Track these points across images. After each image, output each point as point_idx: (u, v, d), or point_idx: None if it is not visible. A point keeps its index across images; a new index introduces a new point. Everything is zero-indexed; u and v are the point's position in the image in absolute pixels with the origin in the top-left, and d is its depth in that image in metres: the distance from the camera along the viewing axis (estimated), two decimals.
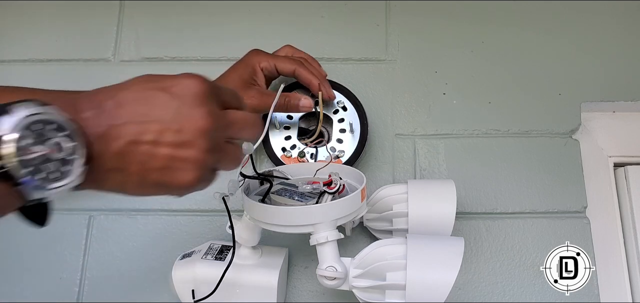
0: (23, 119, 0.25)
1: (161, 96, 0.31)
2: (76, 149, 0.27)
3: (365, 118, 0.62)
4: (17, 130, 0.25)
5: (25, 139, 0.25)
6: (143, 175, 0.31)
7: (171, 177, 0.31)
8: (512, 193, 0.63)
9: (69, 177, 0.27)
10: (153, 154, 0.30)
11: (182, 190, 0.33)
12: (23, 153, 0.25)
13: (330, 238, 0.45)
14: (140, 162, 0.30)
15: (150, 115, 0.30)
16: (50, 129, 0.26)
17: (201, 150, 0.31)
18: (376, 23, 0.71)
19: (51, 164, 0.26)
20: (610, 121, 0.69)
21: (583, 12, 0.70)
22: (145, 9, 0.74)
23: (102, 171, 0.30)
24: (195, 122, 0.31)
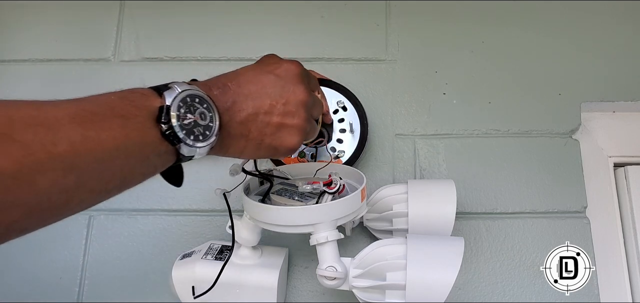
0: (179, 93, 0.32)
1: (270, 77, 0.38)
2: (213, 118, 0.34)
3: (365, 118, 0.62)
4: (177, 101, 0.31)
5: (181, 108, 0.32)
6: (260, 140, 0.38)
7: (281, 141, 0.39)
8: (512, 193, 0.63)
9: (209, 139, 0.34)
10: (268, 122, 0.38)
11: (287, 152, 0.40)
12: (182, 118, 0.32)
13: (330, 238, 0.45)
14: (258, 129, 0.37)
15: (263, 92, 0.38)
16: (196, 101, 0.33)
17: (302, 119, 0.39)
18: (376, 23, 0.71)
19: (197, 129, 0.33)
20: (610, 121, 0.69)
21: (583, 12, 0.70)
22: (145, 9, 0.74)
23: (229, 137, 0.36)
24: (297, 96, 0.39)
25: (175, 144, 0.31)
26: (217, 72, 0.69)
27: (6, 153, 0.22)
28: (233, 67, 0.71)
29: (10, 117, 0.24)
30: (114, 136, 0.28)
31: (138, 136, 0.29)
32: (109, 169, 0.28)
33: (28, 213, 0.25)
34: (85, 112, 0.27)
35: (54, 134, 0.25)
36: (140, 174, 0.31)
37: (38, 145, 0.24)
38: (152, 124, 0.31)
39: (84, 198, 0.28)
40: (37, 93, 0.70)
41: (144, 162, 0.31)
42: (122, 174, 0.29)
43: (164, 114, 0.31)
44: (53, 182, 0.24)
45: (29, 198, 0.24)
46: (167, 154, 0.32)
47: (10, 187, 0.23)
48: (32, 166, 0.23)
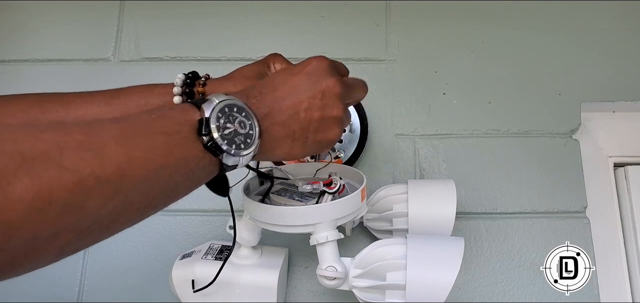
0: (217, 104, 0.32)
1: (301, 76, 0.39)
2: (252, 125, 0.35)
3: (365, 118, 0.62)
4: (215, 113, 0.32)
5: (220, 119, 0.32)
6: (306, 137, 0.39)
7: (325, 134, 0.40)
8: (512, 193, 0.63)
9: (250, 146, 0.34)
10: (309, 119, 0.38)
11: (331, 144, 0.41)
12: (222, 129, 0.32)
13: (330, 238, 0.45)
14: (302, 127, 0.38)
15: (298, 91, 0.38)
16: (235, 111, 0.34)
17: (340, 109, 0.40)
18: (376, 23, 0.71)
19: (238, 138, 0.33)
20: (610, 121, 0.69)
21: (583, 12, 0.70)
22: (145, 9, 0.74)
23: (273, 141, 0.37)
24: (331, 88, 0.40)
25: (217, 155, 0.32)
26: (217, 72, 0.69)
27: (59, 182, 0.23)
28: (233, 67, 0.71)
29: (60, 146, 0.24)
30: (158, 155, 0.29)
31: (181, 152, 0.30)
32: (154, 187, 0.29)
33: (79, 236, 0.26)
34: (129, 133, 0.28)
35: (101, 159, 0.25)
36: (185, 188, 0.32)
37: (87, 171, 0.24)
38: (194, 138, 0.31)
39: (130, 216, 0.29)
40: None
41: (188, 177, 0.31)
42: (167, 190, 0.30)
43: (204, 127, 0.31)
44: (101, 205, 0.25)
45: (79, 223, 0.25)
46: (211, 166, 0.32)
47: (62, 214, 0.24)
48: (82, 193, 0.24)
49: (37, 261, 0.25)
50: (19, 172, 0.22)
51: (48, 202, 0.23)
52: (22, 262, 0.24)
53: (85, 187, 0.24)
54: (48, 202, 0.23)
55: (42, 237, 0.23)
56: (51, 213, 0.23)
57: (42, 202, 0.22)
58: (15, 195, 0.22)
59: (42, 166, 0.23)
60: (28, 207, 0.22)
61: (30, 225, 0.22)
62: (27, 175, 0.22)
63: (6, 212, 0.21)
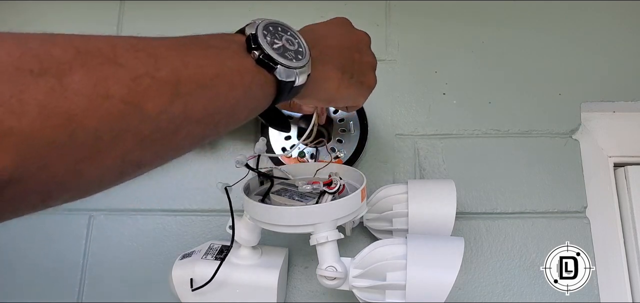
0: (260, 23, 0.32)
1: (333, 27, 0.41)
2: (301, 43, 0.34)
3: (365, 118, 0.62)
4: (260, 29, 0.32)
5: (267, 36, 0.32)
6: (351, 73, 0.39)
7: (365, 77, 0.41)
8: (512, 193, 0.63)
9: (304, 59, 0.33)
10: (352, 58, 0.39)
11: (370, 90, 0.43)
12: (270, 43, 0.32)
13: (330, 238, 0.44)
14: (348, 63, 0.39)
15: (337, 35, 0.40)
16: (280, 29, 0.34)
17: (373, 56, 0.43)
18: (376, 23, 0.71)
19: (288, 53, 0.33)
20: (610, 121, 0.69)
21: (583, 12, 0.70)
22: (145, 9, 0.74)
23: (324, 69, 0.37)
24: (363, 38, 0.42)
25: (271, 68, 0.31)
26: None
27: (115, 78, 0.22)
28: None
29: (113, 44, 0.24)
30: (212, 63, 0.28)
31: (235, 64, 0.29)
32: (213, 99, 0.28)
33: (140, 142, 0.24)
34: (180, 43, 0.27)
35: (155, 59, 0.25)
36: (245, 107, 0.31)
37: (142, 69, 0.24)
38: (245, 54, 0.30)
39: (191, 131, 0.27)
40: None
41: (247, 93, 0.30)
42: (226, 105, 0.29)
43: (252, 42, 0.31)
44: (161, 108, 0.24)
45: (140, 125, 0.24)
46: (267, 84, 0.31)
47: (122, 112, 0.23)
48: (139, 90, 0.23)
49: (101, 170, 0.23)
50: (75, 63, 0.21)
51: (106, 96, 0.22)
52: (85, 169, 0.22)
53: (142, 86, 0.23)
54: (106, 96, 0.22)
55: (103, 138, 0.22)
56: (111, 109, 0.22)
57: (100, 96, 0.22)
58: (73, 87, 0.21)
59: (97, 60, 0.22)
60: (87, 99, 0.21)
61: (91, 121, 0.21)
62: (83, 67, 0.22)
63: (66, 102, 0.21)
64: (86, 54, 0.22)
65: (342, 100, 0.41)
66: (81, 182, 0.23)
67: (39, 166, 0.20)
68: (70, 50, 0.22)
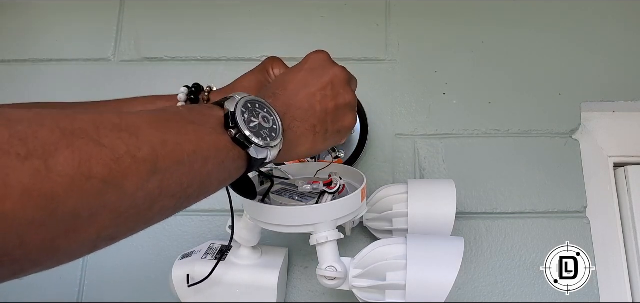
0: (239, 100, 0.33)
1: (304, 72, 0.40)
2: (275, 121, 0.35)
3: (365, 118, 0.62)
4: (239, 107, 0.33)
5: (245, 114, 0.33)
6: (325, 129, 0.39)
7: (342, 122, 0.41)
8: (512, 193, 0.63)
9: (277, 139, 0.34)
10: (325, 110, 0.39)
11: (349, 132, 0.42)
12: (247, 122, 0.33)
13: (330, 238, 0.45)
14: (320, 120, 0.39)
15: (308, 85, 0.39)
16: (257, 106, 0.34)
17: (350, 94, 0.41)
18: (376, 23, 0.71)
19: (263, 131, 0.34)
20: (610, 121, 0.69)
21: (583, 12, 0.70)
22: (145, 9, 0.74)
23: (296, 137, 0.38)
24: (338, 75, 0.41)
25: (246, 146, 0.32)
26: (217, 72, 0.69)
27: (97, 158, 0.23)
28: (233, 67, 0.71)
29: (96, 124, 0.24)
30: (190, 140, 0.29)
31: (212, 140, 0.30)
32: (188, 174, 0.29)
33: (116, 219, 0.25)
34: (161, 119, 0.28)
35: (136, 139, 0.26)
36: (217, 180, 0.32)
37: (124, 149, 0.25)
38: (222, 131, 0.32)
39: (165, 204, 0.28)
40: (39, 94, 0.70)
41: (220, 167, 0.31)
42: (200, 179, 0.30)
43: (231, 119, 0.32)
44: (138, 186, 0.25)
45: (117, 203, 0.24)
46: (240, 159, 0.33)
47: (101, 191, 0.23)
48: (119, 170, 0.24)
49: (76, 245, 0.24)
50: (60, 145, 0.22)
51: (88, 177, 0.22)
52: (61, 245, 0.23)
53: (123, 166, 0.24)
54: (88, 177, 0.22)
55: (82, 216, 0.23)
56: (91, 189, 0.23)
57: (82, 177, 0.22)
58: (58, 168, 0.21)
59: (82, 141, 0.23)
60: (70, 180, 0.22)
61: (72, 201, 0.22)
62: (68, 149, 0.22)
63: (49, 184, 0.21)
64: (71, 135, 0.23)
65: (319, 152, 0.42)
66: (54, 258, 0.23)
67: (15, 245, 0.21)
68: (57, 132, 0.22)
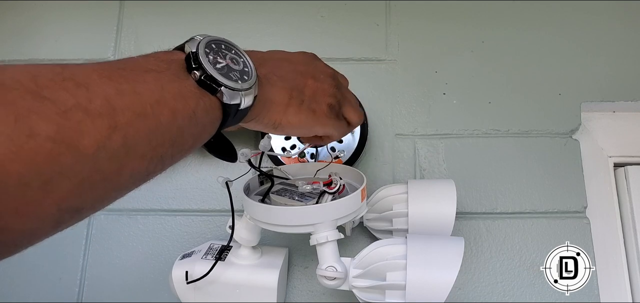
0: (201, 40, 0.30)
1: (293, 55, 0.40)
2: (247, 62, 0.32)
3: (365, 118, 0.62)
4: (201, 47, 0.29)
5: (209, 55, 0.29)
6: (301, 99, 0.37)
7: (318, 105, 0.39)
8: (512, 193, 0.63)
9: (251, 79, 0.31)
10: (305, 84, 0.38)
11: (323, 117, 0.40)
12: (212, 63, 0.29)
13: (330, 238, 0.45)
14: (298, 89, 0.37)
15: (293, 61, 0.39)
16: (223, 47, 0.31)
17: (332, 86, 0.41)
18: (376, 23, 0.71)
19: (233, 73, 0.30)
20: (610, 121, 0.69)
21: (583, 12, 0.70)
22: (145, 9, 0.74)
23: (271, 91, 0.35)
24: (322, 68, 0.41)
25: (215, 90, 0.28)
26: None
27: (39, 113, 0.19)
28: None
29: (34, 74, 0.20)
30: (150, 89, 0.25)
31: (175, 88, 0.26)
32: (154, 129, 0.25)
33: (78, 187, 0.21)
34: (113, 69, 0.24)
35: (86, 90, 0.21)
36: (191, 136, 0.28)
37: (71, 101, 0.20)
38: (185, 75, 0.28)
39: (135, 167, 0.24)
40: None
41: (191, 120, 0.27)
42: (171, 136, 0.26)
43: (193, 61, 0.28)
44: (99, 143, 0.21)
45: (75, 167, 0.20)
46: (212, 108, 0.29)
47: (52, 152, 0.19)
48: (71, 125, 0.20)
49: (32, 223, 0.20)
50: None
51: (29, 134, 0.18)
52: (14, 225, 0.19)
53: (73, 120, 0.20)
54: (29, 134, 0.18)
55: (32, 185, 0.19)
56: (38, 149, 0.19)
57: (22, 135, 0.18)
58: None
59: (16, 94, 0.19)
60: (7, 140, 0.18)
61: (15, 165, 0.18)
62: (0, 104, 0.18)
63: None
64: (2, 86, 0.19)
65: (290, 128, 0.38)
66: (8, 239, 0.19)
67: None
68: None
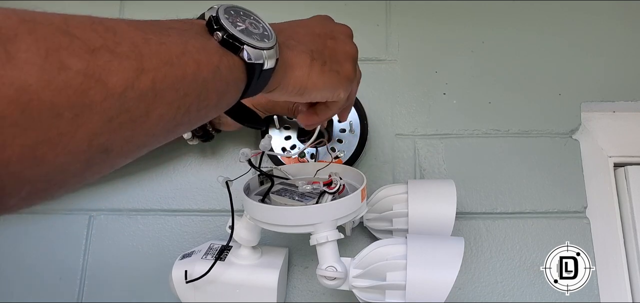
0: (221, 5, 0.30)
1: (308, 20, 0.40)
2: (266, 27, 0.33)
3: (365, 118, 0.62)
4: (221, 11, 0.30)
5: (229, 18, 0.30)
6: (323, 60, 0.37)
7: (341, 66, 0.38)
8: (512, 193, 0.63)
9: (271, 40, 0.32)
10: (325, 45, 0.37)
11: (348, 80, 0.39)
12: (234, 24, 0.30)
13: (330, 238, 0.44)
14: (319, 49, 0.37)
15: (309, 26, 0.38)
16: (242, 13, 0.32)
17: (353, 46, 0.40)
18: (376, 23, 0.71)
19: (254, 35, 0.31)
20: (610, 121, 0.69)
21: (583, 12, 0.70)
22: (145, 9, 0.74)
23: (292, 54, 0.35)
24: (342, 28, 0.41)
25: (237, 49, 0.29)
26: None
27: (70, 49, 0.20)
28: None
29: (65, 17, 0.21)
30: (175, 41, 0.25)
31: (199, 44, 0.27)
32: (182, 78, 0.25)
33: (108, 123, 0.21)
34: (139, 23, 0.25)
35: (113, 34, 0.22)
36: (215, 92, 0.28)
37: (100, 42, 0.21)
38: (207, 36, 0.29)
39: (163, 113, 0.24)
40: None
41: (215, 74, 0.28)
42: (196, 88, 0.26)
43: (214, 23, 0.29)
44: (127, 83, 0.22)
45: (104, 103, 0.21)
46: (235, 68, 0.29)
47: (82, 86, 0.20)
48: (100, 63, 0.21)
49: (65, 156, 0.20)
50: (20, 30, 0.18)
51: (60, 67, 0.19)
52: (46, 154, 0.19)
53: (102, 59, 0.21)
54: (60, 67, 0.19)
55: (64, 115, 0.19)
56: (69, 81, 0.19)
57: (53, 67, 0.19)
58: (21, 55, 0.18)
59: (47, 29, 0.20)
60: (39, 69, 0.18)
61: (47, 93, 0.18)
62: (30, 35, 0.19)
63: (14, 71, 0.18)
64: (32, 22, 0.19)
65: (316, 91, 0.37)
66: (41, 172, 0.20)
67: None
68: (13, 17, 0.19)
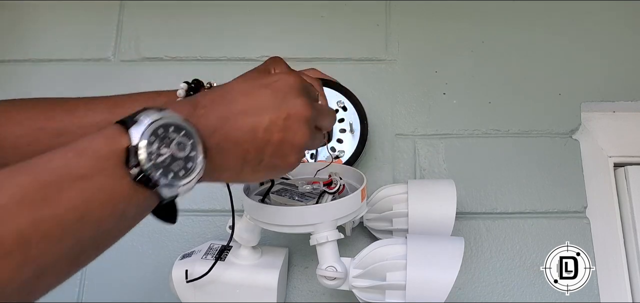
0: (148, 126, 0.27)
1: (267, 91, 0.34)
2: (194, 145, 0.29)
3: (365, 118, 0.62)
4: (146, 136, 0.27)
5: (153, 144, 0.27)
6: (259, 160, 0.34)
7: (282, 159, 0.35)
8: (512, 193, 0.63)
9: (193, 172, 0.29)
10: (268, 140, 0.33)
11: (287, 170, 0.36)
12: (155, 157, 0.27)
13: (330, 238, 0.45)
14: (257, 148, 0.33)
15: (261, 106, 0.33)
16: (171, 130, 0.29)
17: (305, 135, 0.35)
18: (376, 23, 0.71)
19: (177, 163, 0.28)
20: (610, 121, 0.69)
21: (583, 12, 0.70)
22: (145, 9, 0.74)
23: (222, 158, 0.32)
24: (299, 110, 0.34)
25: (152, 188, 0.28)
26: (217, 72, 0.69)
27: None
28: (233, 67, 0.71)
29: None
30: (74, 206, 0.24)
31: (105, 195, 0.26)
32: (74, 246, 0.25)
33: None
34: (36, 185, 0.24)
35: None
36: (117, 231, 0.28)
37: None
38: (121, 173, 0.27)
39: (51, 282, 0.24)
40: (39, 94, 0.70)
41: (118, 221, 0.27)
42: (93, 243, 0.26)
43: (132, 157, 0.27)
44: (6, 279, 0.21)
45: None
46: (146, 200, 0.28)
47: None
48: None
49: None
50: None
51: None
52: None
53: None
54: None
55: None
56: None
57: None
58: None
59: None
60: None
61: None
62: None
63: None
64: None
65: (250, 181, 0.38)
66: None
67: None
68: None
